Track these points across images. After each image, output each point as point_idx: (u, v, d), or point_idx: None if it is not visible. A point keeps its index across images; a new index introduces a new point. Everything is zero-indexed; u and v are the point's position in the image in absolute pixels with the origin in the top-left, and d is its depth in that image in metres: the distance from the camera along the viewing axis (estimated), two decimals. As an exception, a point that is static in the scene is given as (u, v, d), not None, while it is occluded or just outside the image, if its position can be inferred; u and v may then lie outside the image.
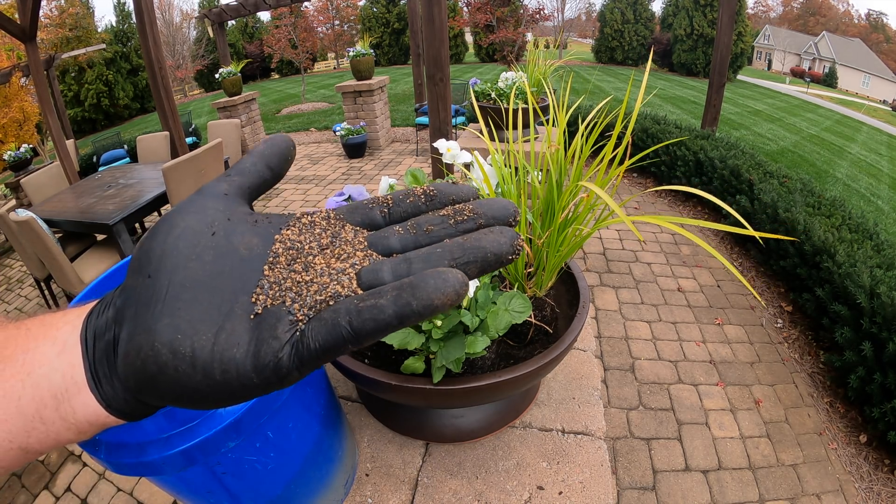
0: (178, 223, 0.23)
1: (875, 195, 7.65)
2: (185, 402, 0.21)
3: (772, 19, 57.56)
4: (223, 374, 0.20)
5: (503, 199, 0.25)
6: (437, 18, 3.25)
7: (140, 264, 0.22)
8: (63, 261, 2.63)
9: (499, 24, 15.71)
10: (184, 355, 0.20)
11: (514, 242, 0.23)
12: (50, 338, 0.23)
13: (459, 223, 0.25)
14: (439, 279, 0.20)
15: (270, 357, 0.20)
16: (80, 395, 0.22)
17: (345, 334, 0.20)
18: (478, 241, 0.22)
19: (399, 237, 0.25)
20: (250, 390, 0.20)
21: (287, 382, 0.21)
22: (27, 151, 7.08)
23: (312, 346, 0.20)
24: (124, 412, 0.23)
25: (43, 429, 0.23)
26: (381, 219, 0.26)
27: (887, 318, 2.12)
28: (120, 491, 2.00)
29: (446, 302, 0.19)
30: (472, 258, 0.22)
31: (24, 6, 4.25)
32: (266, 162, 0.27)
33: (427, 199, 0.26)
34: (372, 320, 0.19)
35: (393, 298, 0.20)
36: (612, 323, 2.78)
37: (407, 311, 0.19)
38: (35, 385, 0.22)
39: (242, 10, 7.34)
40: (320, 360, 0.20)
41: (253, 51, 23.73)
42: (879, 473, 1.99)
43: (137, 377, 0.21)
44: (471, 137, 3.20)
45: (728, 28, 4.54)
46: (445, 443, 0.89)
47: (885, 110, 28.32)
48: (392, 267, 0.22)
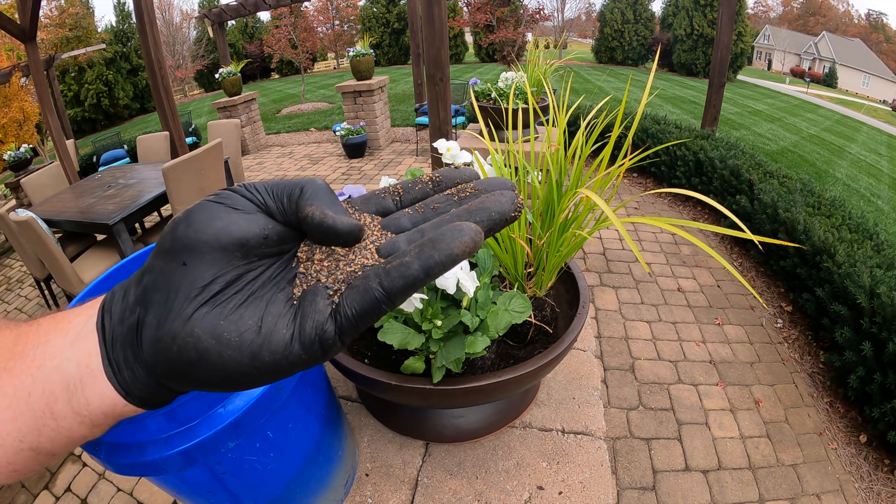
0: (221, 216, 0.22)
1: (875, 195, 7.65)
2: (224, 385, 0.22)
3: (772, 19, 57.57)
4: (272, 354, 0.21)
5: (502, 178, 0.27)
6: (437, 18, 3.25)
7: (172, 249, 0.22)
8: (63, 261, 2.63)
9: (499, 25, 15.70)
10: (229, 341, 0.21)
11: (514, 201, 0.24)
12: (62, 330, 0.23)
13: (463, 199, 0.26)
14: (455, 230, 0.21)
15: (315, 332, 0.21)
16: (95, 384, 0.22)
17: (378, 296, 0.21)
18: (481, 203, 0.24)
19: (409, 217, 0.26)
20: (297, 366, 0.21)
21: (332, 353, 0.22)
22: (27, 151, 7.08)
23: (350, 313, 0.21)
24: (144, 399, 0.23)
25: (54, 425, 0.22)
26: (394, 206, 0.28)
27: (887, 318, 2.12)
28: (120, 491, 2.00)
29: (465, 249, 0.21)
30: (479, 218, 0.23)
31: (24, 6, 4.25)
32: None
33: (434, 185, 0.28)
34: (401, 277, 0.20)
35: (416, 254, 0.21)
36: (612, 323, 2.78)
37: (431, 263, 0.20)
38: (46, 379, 0.22)
39: (242, 10, 7.34)
40: (360, 326, 0.21)
41: (253, 51, 23.73)
42: (879, 473, 1.99)
43: (171, 363, 0.21)
44: (471, 137, 3.21)
45: (728, 28, 4.54)
46: (445, 443, 0.89)
47: (885, 110, 28.32)
48: (407, 238, 0.24)
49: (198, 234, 0.22)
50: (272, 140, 8.08)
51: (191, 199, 3.00)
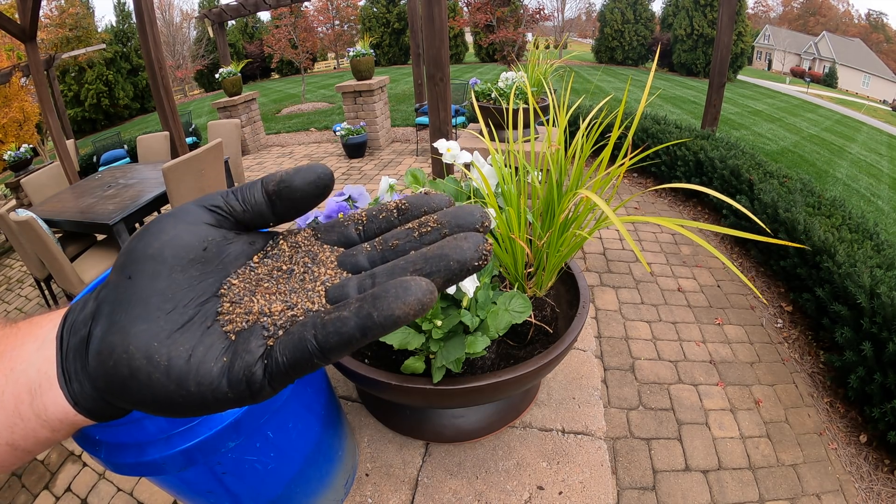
0: (167, 230, 0.23)
1: (875, 195, 7.65)
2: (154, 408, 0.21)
3: (772, 19, 57.56)
4: (198, 385, 0.20)
5: (470, 206, 0.25)
6: (438, 18, 3.25)
7: (123, 263, 0.22)
8: (63, 261, 2.63)
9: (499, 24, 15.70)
10: (158, 363, 0.20)
11: (478, 247, 0.22)
12: (33, 335, 0.24)
13: (423, 235, 0.24)
14: (400, 289, 0.19)
15: (244, 371, 0.20)
16: (50, 392, 0.22)
17: (311, 349, 0.20)
18: (440, 249, 0.22)
19: (367, 254, 0.25)
20: (223, 403, 0.21)
21: (260, 397, 0.21)
22: (27, 151, 7.08)
23: (281, 361, 0.20)
24: (92, 412, 0.23)
25: (22, 425, 0.23)
26: (357, 236, 0.27)
27: (887, 318, 2.12)
28: (120, 491, 2.00)
29: (409, 312, 0.19)
30: (434, 268, 0.22)
31: (24, 6, 4.25)
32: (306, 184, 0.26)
33: (399, 213, 0.26)
34: (336, 334, 0.19)
35: (355, 310, 0.19)
36: (612, 323, 2.78)
37: (368, 323, 0.19)
38: (15, 381, 0.23)
39: (242, 10, 7.35)
40: (290, 376, 0.20)
41: (253, 51, 23.72)
42: (879, 473, 1.99)
43: (108, 378, 0.21)
44: (471, 137, 3.20)
45: (728, 28, 4.54)
46: (445, 443, 0.89)
47: (885, 110, 28.31)
48: (357, 283, 0.23)
49: (145, 248, 0.22)
50: (272, 140, 8.08)
51: (191, 199, 2.99)
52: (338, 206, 0.73)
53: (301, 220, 0.73)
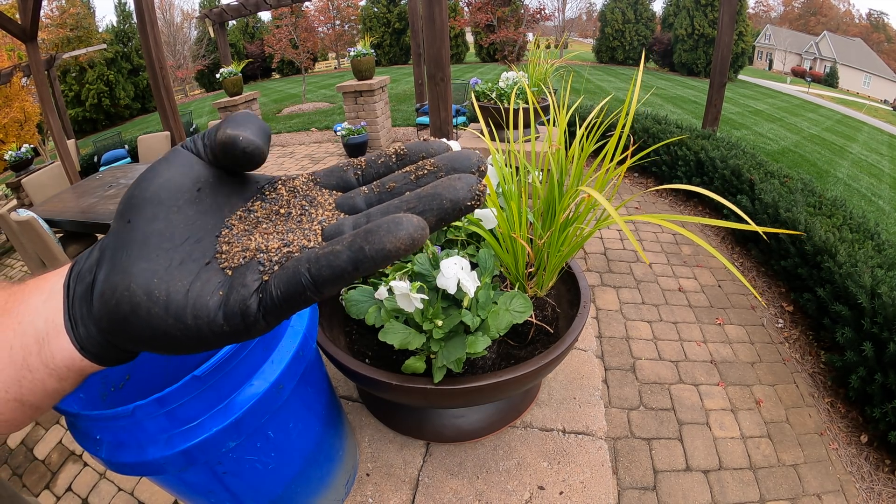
0: (162, 173, 0.24)
1: (876, 195, 7.64)
2: (155, 345, 0.22)
3: (772, 19, 57.51)
4: (195, 319, 0.21)
5: (468, 151, 0.25)
6: (438, 18, 3.24)
7: (123, 209, 0.23)
8: (64, 260, 2.63)
9: (499, 24, 15.70)
10: (157, 298, 0.21)
11: (471, 188, 0.22)
12: (39, 289, 0.25)
13: (420, 177, 0.25)
14: (392, 224, 0.19)
15: (239, 305, 0.20)
16: (58, 339, 0.23)
17: (304, 282, 0.20)
18: (433, 189, 0.22)
19: (364, 196, 0.25)
20: (220, 337, 0.21)
21: (255, 331, 0.21)
22: (28, 151, 7.07)
23: (275, 294, 0.20)
24: (97, 355, 0.24)
25: (30, 377, 0.23)
26: (355, 180, 0.27)
27: (888, 318, 2.11)
28: (121, 491, 2.00)
29: (399, 246, 0.19)
30: (427, 207, 0.22)
31: (25, 6, 4.25)
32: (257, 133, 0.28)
33: (398, 159, 0.27)
34: (328, 267, 0.20)
35: (347, 244, 0.20)
36: (612, 323, 2.78)
37: (360, 256, 0.19)
38: (23, 333, 0.23)
39: (243, 10, 7.35)
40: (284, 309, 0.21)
41: (254, 51, 23.73)
42: (880, 473, 1.99)
43: (111, 317, 0.21)
44: (471, 137, 3.20)
45: (729, 28, 4.54)
46: (446, 443, 0.88)
47: (886, 110, 28.27)
48: (353, 221, 0.23)
49: (142, 192, 0.23)
50: (273, 140, 8.06)
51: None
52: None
53: None
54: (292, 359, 0.57)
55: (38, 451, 2.24)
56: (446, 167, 0.25)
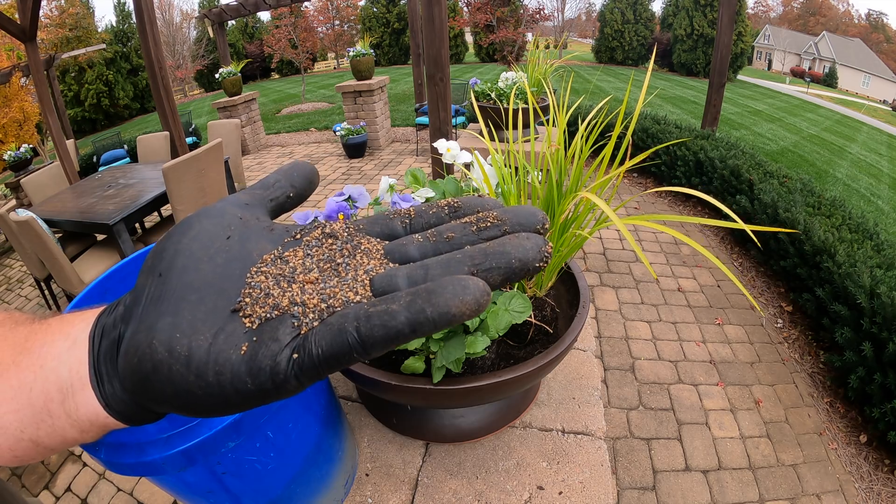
0: (194, 225, 0.23)
1: (875, 195, 7.65)
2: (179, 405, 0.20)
3: (772, 19, 57.57)
4: (217, 376, 0.19)
5: (530, 206, 0.24)
6: (438, 18, 3.25)
7: (153, 263, 0.22)
8: (63, 261, 2.63)
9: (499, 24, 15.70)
10: (179, 354, 0.19)
11: (541, 249, 0.21)
12: (64, 333, 0.24)
13: (482, 230, 0.23)
14: (458, 286, 0.18)
15: (267, 360, 0.19)
16: (83, 392, 0.22)
17: (351, 341, 0.18)
18: (501, 246, 0.21)
19: (417, 245, 0.23)
20: (245, 397, 0.19)
21: (284, 392, 0.19)
22: (27, 151, 7.08)
23: (315, 352, 0.18)
24: (123, 414, 0.23)
25: (50, 422, 0.23)
26: (402, 230, 0.25)
27: (887, 318, 2.12)
28: (120, 491, 2.00)
29: (464, 311, 0.18)
30: (494, 264, 0.20)
31: (24, 6, 4.25)
32: (290, 181, 0.28)
33: (451, 210, 0.25)
34: (382, 326, 0.18)
35: (406, 304, 0.18)
36: (612, 323, 2.78)
37: (420, 318, 0.18)
38: (45, 378, 0.22)
39: (242, 10, 7.35)
40: (323, 369, 0.19)
41: (253, 51, 23.73)
42: (879, 473, 1.99)
43: (134, 376, 0.20)
44: (471, 137, 3.21)
45: (728, 28, 4.54)
46: (445, 443, 0.88)
47: (886, 110, 28.31)
48: (408, 273, 0.21)
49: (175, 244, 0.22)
50: (272, 140, 8.08)
51: (191, 198, 2.99)
52: (337, 206, 0.73)
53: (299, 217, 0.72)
54: (291, 359, 0.57)
55: (37, 452, 2.24)
56: (510, 221, 0.23)
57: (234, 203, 0.26)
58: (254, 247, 0.23)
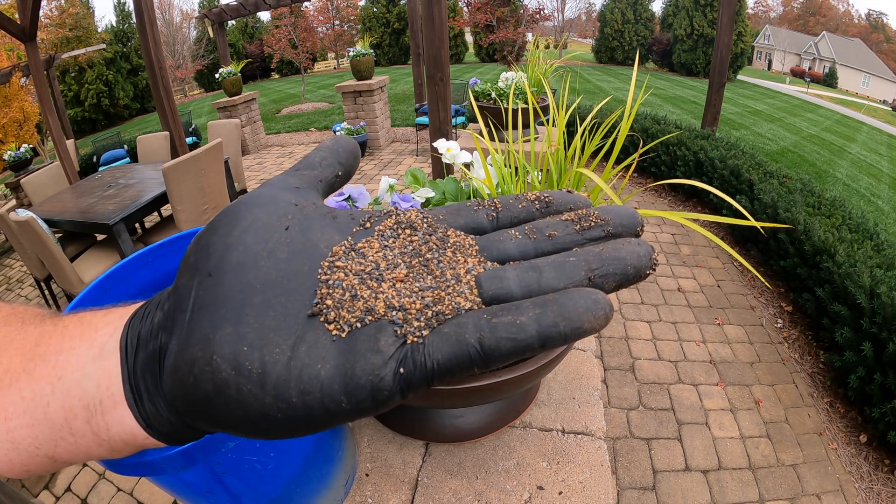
0: (244, 215, 0.20)
1: (875, 195, 7.65)
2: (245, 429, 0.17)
3: (772, 19, 57.59)
4: (302, 395, 0.16)
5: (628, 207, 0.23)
6: (438, 18, 3.25)
7: (197, 261, 0.19)
8: (63, 261, 2.63)
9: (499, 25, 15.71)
10: (250, 372, 0.16)
11: (651, 256, 0.20)
12: (87, 339, 0.20)
13: (585, 229, 0.21)
14: (590, 299, 0.17)
15: (368, 375, 0.17)
16: (115, 410, 0.19)
17: (472, 353, 0.16)
18: (616, 251, 0.20)
19: (517, 242, 0.21)
20: (335, 417, 0.17)
21: (383, 408, 0.17)
22: (27, 151, 7.08)
23: (429, 365, 0.17)
24: (167, 435, 0.20)
25: (72, 440, 0.20)
26: (489, 223, 0.23)
27: (887, 318, 2.12)
28: (120, 491, 2.00)
29: (595, 326, 0.17)
30: (612, 270, 0.19)
31: (24, 6, 4.25)
32: (336, 158, 0.25)
33: (542, 205, 0.23)
34: (510, 339, 0.16)
35: (535, 316, 0.17)
36: (612, 323, 2.78)
37: (552, 333, 0.16)
38: (66, 392, 0.19)
39: (242, 10, 7.35)
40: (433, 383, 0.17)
41: (253, 51, 23.75)
42: (879, 473, 1.99)
43: (188, 398, 0.17)
44: (471, 137, 3.21)
45: (728, 28, 4.54)
46: (445, 443, 0.88)
47: (886, 110, 28.32)
48: (519, 276, 0.19)
49: (224, 238, 0.19)
50: (272, 140, 8.09)
51: (191, 198, 2.99)
52: (337, 205, 0.73)
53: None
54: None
55: (37, 452, 2.24)
56: (613, 222, 0.22)
57: (284, 187, 0.22)
58: (319, 237, 0.20)
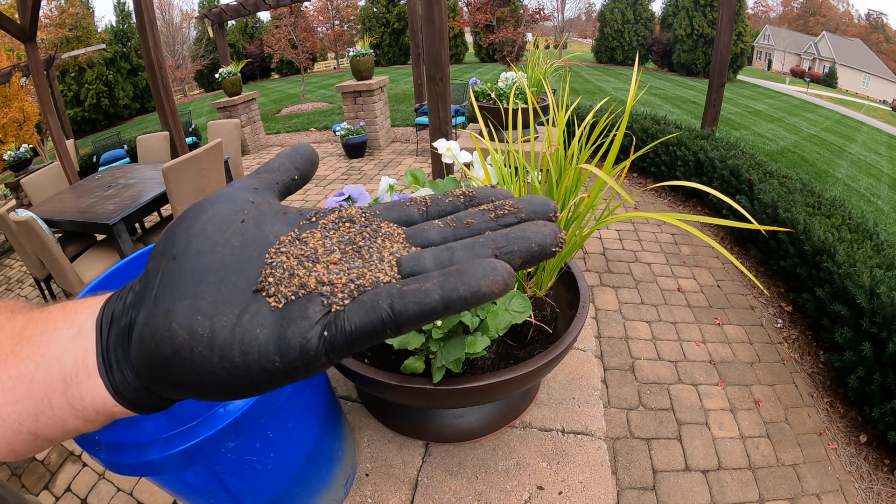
0: (206, 210, 0.23)
1: (875, 195, 7.65)
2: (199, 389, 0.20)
3: (772, 19, 57.58)
4: (243, 356, 0.19)
5: (542, 196, 0.25)
6: (437, 18, 3.25)
7: (165, 248, 0.22)
8: (63, 261, 2.63)
9: (499, 25, 15.71)
10: (202, 336, 0.19)
11: (557, 234, 0.22)
12: (68, 321, 0.23)
13: (500, 217, 0.24)
14: (487, 267, 0.19)
15: (298, 337, 0.19)
16: (89, 381, 0.22)
17: (384, 317, 0.19)
18: (521, 231, 0.22)
19: (438, 230, 0.24)
20: (272, 376, 0.19)
21: (313, 369, 0.20)
22: (27, 151, 7.08)
23: (347, 328, 0.19)
24: (133, 402, 0.22)
25: (50, 413, 0.22)
26: (420, 216, 0.26)
27: (887, 318, 2.12)
28: (120, 491, 2.00)
29: (494, 290, 0.19)
30: (516, 248, 0.22)
31: (24, 6, 4.25)
32: (294, 163, 0.29)
33: (466, 199, 0.26)
34: (416, 303, 0.19)
35: (439, 283, 0.19)
36: (612, 323, 2.78)
37: (453, 297, 0.19)
38: (47, 367, 0.22)
39: (242, 10, 7.35)
40: (353, 346, 0.19)
41: (253, 51, 23.74)
42: (879, 473, 1.99)
43: (150, 362, 0.20)
44: (470, 137, 3.20)
45: (728, 28, 4.54)
46: (445, 443, 0.88)
47: (885, 110, 28.32)
48: (434, 255, 0.22)
49: (188, 228, 0.22)
50: (272, 140, 8.08)
51: (191, 198, 2.99)
52: (337, 204, 0.73)
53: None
54: (291, 359, 0.57)
55: (37, 452, 2.24)
56: (526, 209, 0.24)
57: (244, 187, 0.26)
58: (269, 229, 0.23)
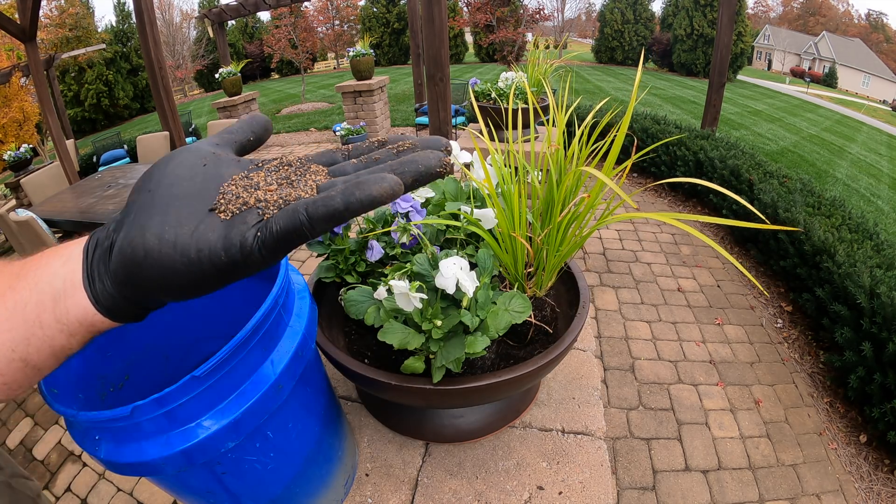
0: (176, 157, 0.29)
1: (875, 195, 7.65)
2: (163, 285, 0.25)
3: (772, 19, 57.56)
4: (198, 252, 0.24)
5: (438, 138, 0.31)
6: (437, 18, 3.25)
7: (142, 184, 0.27)
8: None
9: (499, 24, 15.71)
10: (168, 240, 0.24)
11: (441, 160, 0.28)
12: (59, 255, 0.28)
13: (401, 152, 0.30)
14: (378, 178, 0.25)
15: (238, 237, 0.24)
16: (74, 294, 0.26)
17: (301, 219, 0.24)
18: (411, 158, 0.28)
19: (353, 166, 0.30)
20: (219, 269, 0.24)
21: (251, 262, 0.25)
22: (27, 151, 7.06)
23: (275, 229, 0.24)
24: (110, 309, 0.26)
25: (40, 334, 0.26)
26: (342, 158, 0.32)
27: (887, 318, 2.12)
28: (120, 491, 2.00)
29: (383, 193, 0.24)
30: (407, 169, 0.27)
31: (24, 6, 4.25)
32: (250, 128, 0.34)
33: (379, 144, 0.32)
34: (324, 206, 0.24)
35: (341, 191, 0.24)
36: (612, 323, 2.78)
37: (351, 200, 0.24)
38: (40, 291, 0.26)
39: (242, 10, 7.35)
40: (280, 244, 0.24)
41: (253, 51, 23.71)
42: (879, 473, 1.99)
43: (126, 266, 0.25)
44: (470, 137, 3.20)
45: (728, 28, 4.54)
46: (445, 443, 0.88)
47: (885, 110, 28.31)
48: (345, 179, 0.28)
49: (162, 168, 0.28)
50: (272, 140, 8.07)
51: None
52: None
53: None
54: (291, 359, 0.57)
55: (38, 452, 2.24)
56: (422, 145, 0.30)
57: (208, 143, 0.31)
58: (225, 171, 0.29)
